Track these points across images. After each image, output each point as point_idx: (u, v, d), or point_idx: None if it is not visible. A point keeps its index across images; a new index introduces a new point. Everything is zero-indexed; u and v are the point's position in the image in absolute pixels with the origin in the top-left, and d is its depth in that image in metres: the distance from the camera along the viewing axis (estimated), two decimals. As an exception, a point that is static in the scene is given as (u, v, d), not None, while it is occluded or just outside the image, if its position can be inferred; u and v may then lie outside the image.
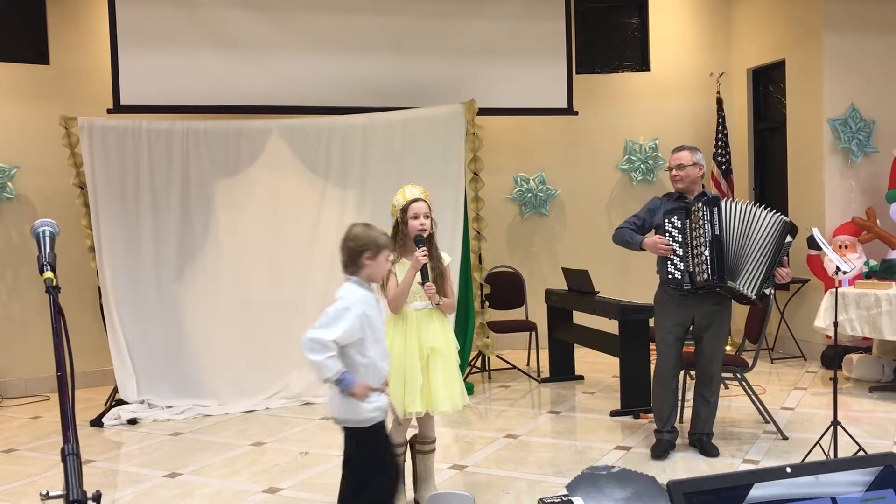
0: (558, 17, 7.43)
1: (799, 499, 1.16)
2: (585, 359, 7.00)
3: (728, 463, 4.43)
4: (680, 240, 4.36)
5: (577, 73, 7.78)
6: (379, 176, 6.34)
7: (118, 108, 6.45)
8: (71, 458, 1.44)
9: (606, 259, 8.03)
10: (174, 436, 5.37)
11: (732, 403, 5.71)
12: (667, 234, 4.37)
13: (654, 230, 4.53)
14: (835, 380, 4.30)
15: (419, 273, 3.61)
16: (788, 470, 1.16)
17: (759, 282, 4.27)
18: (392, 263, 3.64)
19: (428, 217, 3.69)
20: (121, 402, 5.94)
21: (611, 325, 5.85)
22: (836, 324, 4.39)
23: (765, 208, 4.33)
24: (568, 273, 6.61)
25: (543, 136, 8.03)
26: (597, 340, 6.16)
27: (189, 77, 6.57)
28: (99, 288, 6.20)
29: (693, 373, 4.77)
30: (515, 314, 7.34)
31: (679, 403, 4.78)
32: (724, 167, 7.74)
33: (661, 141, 8.11)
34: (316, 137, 6.51)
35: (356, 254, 3.09)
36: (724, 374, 5.54)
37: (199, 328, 6.22)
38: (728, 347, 7.59)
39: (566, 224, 8.23)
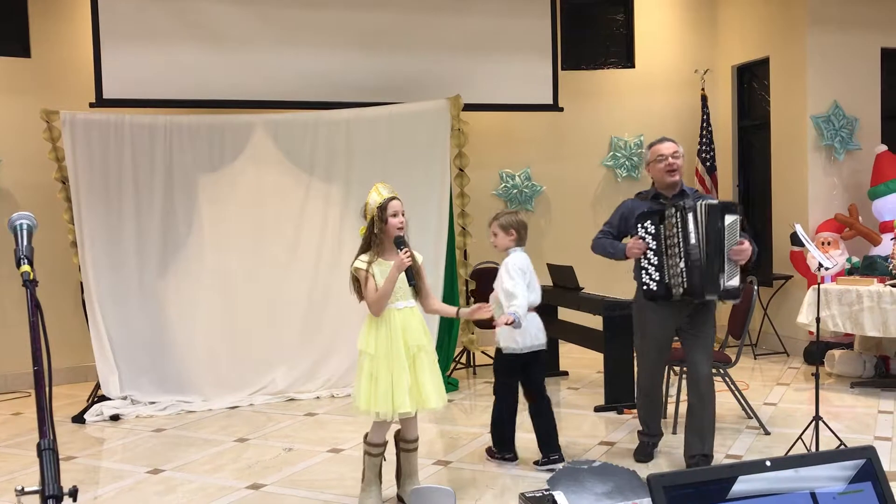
0: (544, 13, 7.42)
1: (779, 493, 1.17)
2: (570, 354, 7.02)
3: (711, 458, 4.45)
4: (654, 247, 4.03)
5: (562, 69, 7.78)
6: (364, 171, 6.31)
7: (100, 101, 6.39)
8: (47, 453, 1.42)
9: (591, 255, 8.00)
10: (157, 432, 5.34)
11: (716, 398, 5.73)
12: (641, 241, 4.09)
13: (629, 237, 4.22)
14: (817, 375, 4.33)
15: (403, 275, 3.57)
16: (768, 464, 1.17)
17: (720, 279, 3.87)
18: (368, 264, 3.62)
19: (404, 214, 3.67)
20: (103, 399, 5.89)
21: (595, 321, 5.87)
22: (818, 320, 4.41)
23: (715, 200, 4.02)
24: (553, 269, 6.62)
25: (529, 132, 8.03)
26: (581, 336, 6.17)
27: (172, 71, 6.52)
28: (81, 283, 6.15)
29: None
30: (500, 310, 7.33)
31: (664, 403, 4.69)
32: (708, 164, 7.78)
33: (647, 137, 8.12)
34: (301, 132, 6.49)
35: None
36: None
37: (182, 323, 6.18)
38: (712, 343, 7.64)
39: (551, 220, 8.23)
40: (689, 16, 8.27)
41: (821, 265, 4.33)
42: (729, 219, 3.89)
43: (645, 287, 4.10)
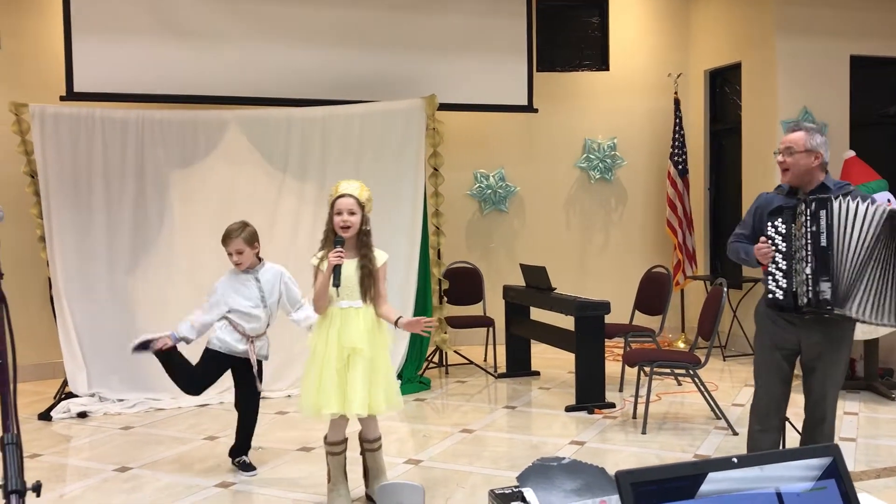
0: (520, 14, 7.45)
1: (746, 490, 1.18)
2: (542, 355, 7.05)
3: (679, 457, 4.49)
4: (784, 249, 3.44)
5: (537, 70, 7.81)
6: (338, 169, 6.28)
7: (71, 95, 6.31)
8: (10, 447, 1.40)
9: (564, 256, 8.10)
10: (125, 429, 5.28)
11: (685, 399, 5.79)
12: (770, 242, 3.49)
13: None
14: (784, 376, 4.36)
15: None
16: (735, 460, 1.18)
17: (889, 301, 3.26)
18: (320, 260, 3.60)
19: (353, 214, 3.55)
20: (70, 396, 5.81)
21: (567, 322, 5.90)
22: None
23: (869, 202, 3.30)
24: (525, 269, 6.64)
25: (503, 132, 8.06)
26: (553, 336, 6.20)
27: (145, 65, 6.45)
28: (49, 278, 6.06)
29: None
30: (473, 310, 7.35)
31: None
32: (680, 167, 7.85)
33: (619, 140, 8.20)
34: (274, 129, 6.45)
35: None
36: (676, 371, 5.63)
37: (152, 320, 6.08)
38: (682, 344, 7.71)
39: (525, 221, 8.26)
40: (662, 20, 8.35)
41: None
42: None
43: (770, 295, 3.53)
